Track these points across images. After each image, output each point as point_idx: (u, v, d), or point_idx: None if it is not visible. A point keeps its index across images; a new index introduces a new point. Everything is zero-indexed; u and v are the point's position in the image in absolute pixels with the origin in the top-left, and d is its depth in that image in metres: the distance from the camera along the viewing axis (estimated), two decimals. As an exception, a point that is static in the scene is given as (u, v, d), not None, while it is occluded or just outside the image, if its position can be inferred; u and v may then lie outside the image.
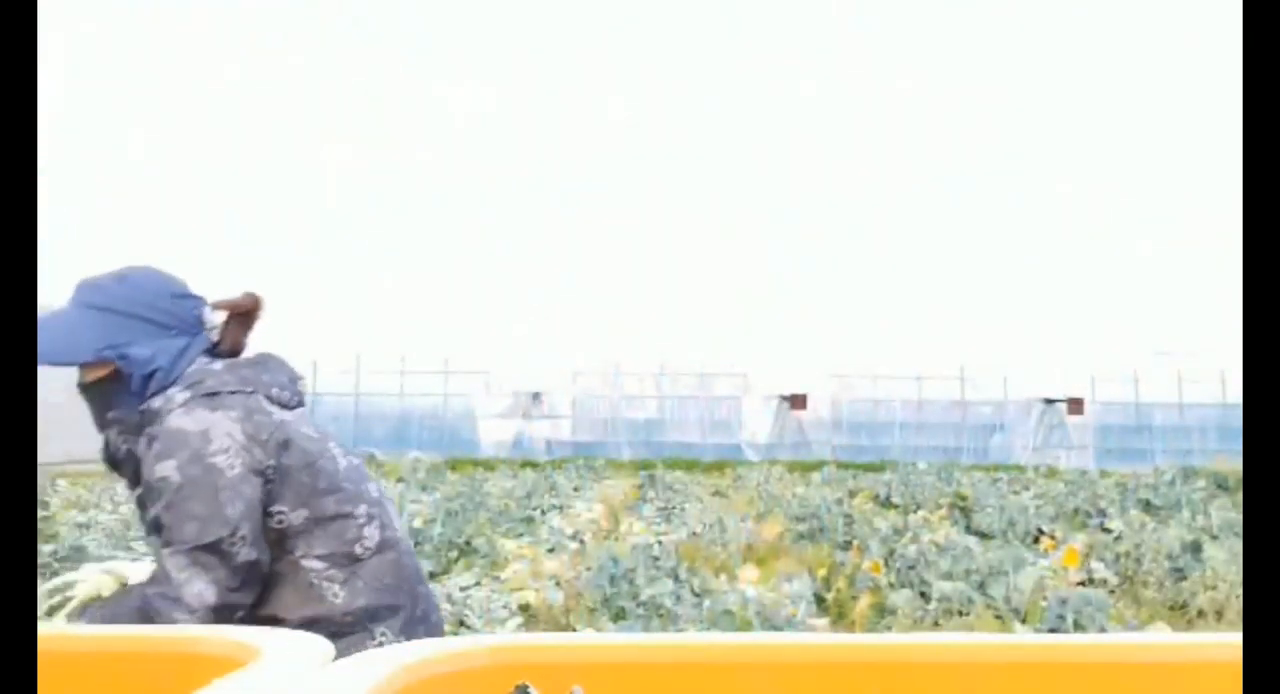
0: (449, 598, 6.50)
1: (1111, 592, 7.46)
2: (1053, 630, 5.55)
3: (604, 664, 1.04)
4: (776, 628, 5.68)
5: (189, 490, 1.87)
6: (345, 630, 1.92)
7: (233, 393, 1.97)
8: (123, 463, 2.08)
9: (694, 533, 10.12)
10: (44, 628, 1.03)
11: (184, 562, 1.84)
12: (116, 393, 2.03)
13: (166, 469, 1.88)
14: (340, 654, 1.03)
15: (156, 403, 1.99)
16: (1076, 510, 12.98)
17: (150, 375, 2.01)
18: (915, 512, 12.81)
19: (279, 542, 1.94)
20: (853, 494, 15.22)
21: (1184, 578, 7.44)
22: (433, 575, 7.67)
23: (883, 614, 6.48)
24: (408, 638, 1.92)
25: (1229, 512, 11.36)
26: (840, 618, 6.68)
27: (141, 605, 1.84)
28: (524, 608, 6.47)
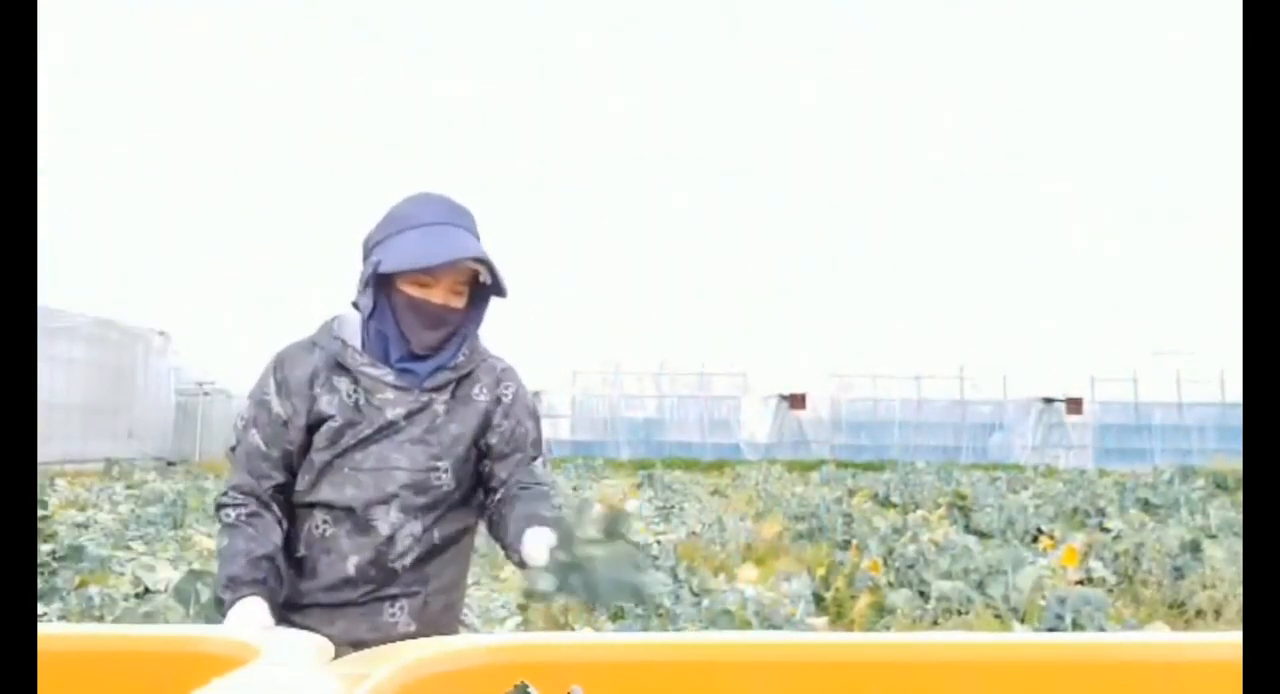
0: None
1: (1110, 591, 7.46)
2: (1051, 630, 5.54)
3: (602, 663, 1.04)
4: (775, 627, 5.68)
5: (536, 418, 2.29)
6: None
7: None
8: (432, 369, 2.14)
9: (693, 532, 10.12)
10: (44, 628, 1.03)
11: (546, 468, 2.25)
12: (474, 309, 2.16)
13: (529, 399, 2.28)
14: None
15: (480, 343, 2.22)
16: (1075, 510, 12.99)
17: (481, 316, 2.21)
18: (914, 511, 12.81)
19: None
20: (852, 493, 15.23)
21: (1183, 577, 7.44)
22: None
23: (882, 613, 6.48)
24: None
25: (1228, 511, 11.37)
26: (839, 617, 6.68)
27: (555, 515, 2.01)
28: (523, 607, 6.47)
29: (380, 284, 2.07)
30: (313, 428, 2.06)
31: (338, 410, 2.05)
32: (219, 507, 2.09)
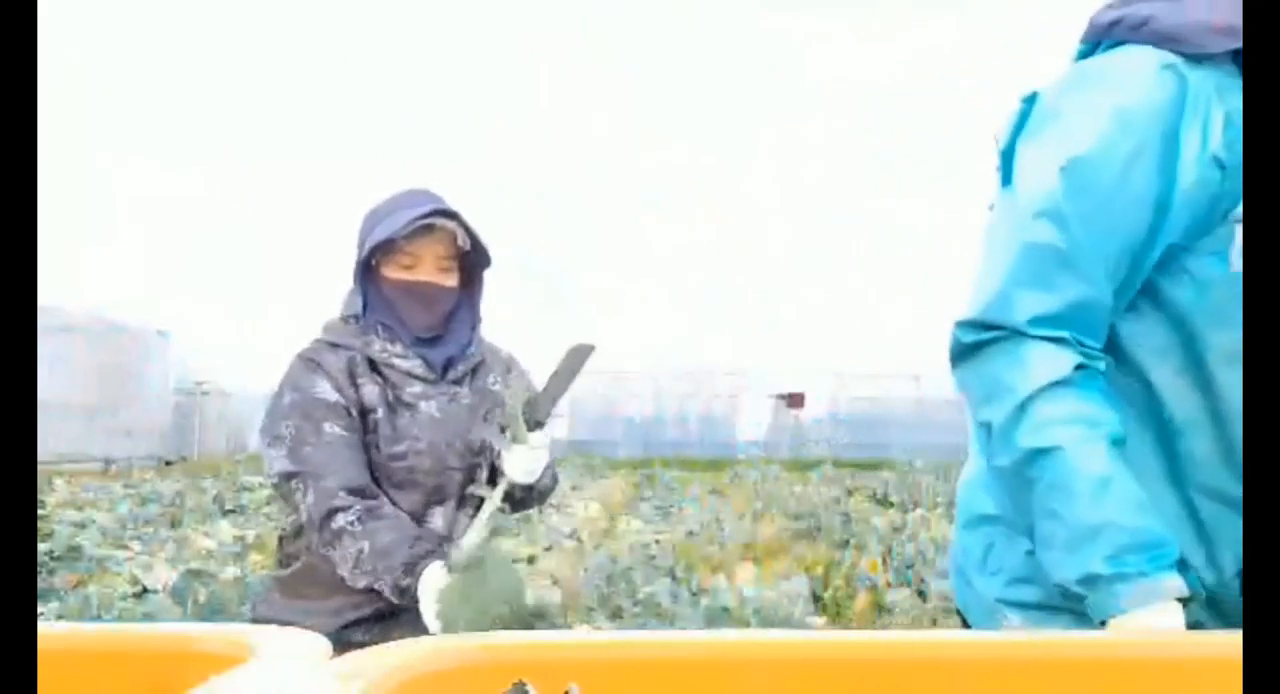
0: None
1: (1109, 590, 7.46)
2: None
3: (600, 662, 1.04)
4: (774, 627, 5.68)
5: None
6: None
7: None
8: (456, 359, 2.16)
9: (691, 532, 10.12)
10: (39, 626, 1.03)
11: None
12: (469, 289, 2.16)
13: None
14: None
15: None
16: (1074, 509, 12.96)
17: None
18: (913, 510, 12.81)
19: None
20: (850, 492, 15.23)
21: (1181, 577, 7.44)
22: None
23: (880, 613, 6.48)
24: None
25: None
26: (838, 616, 6.68)
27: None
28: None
29: (371, 280, 2.07)
30: (361, 419, 2.03)
31: (378, 404, 2.03)
32: (330, 514, 1.93)
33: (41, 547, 7.66)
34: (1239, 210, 1.27)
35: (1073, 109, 1.35)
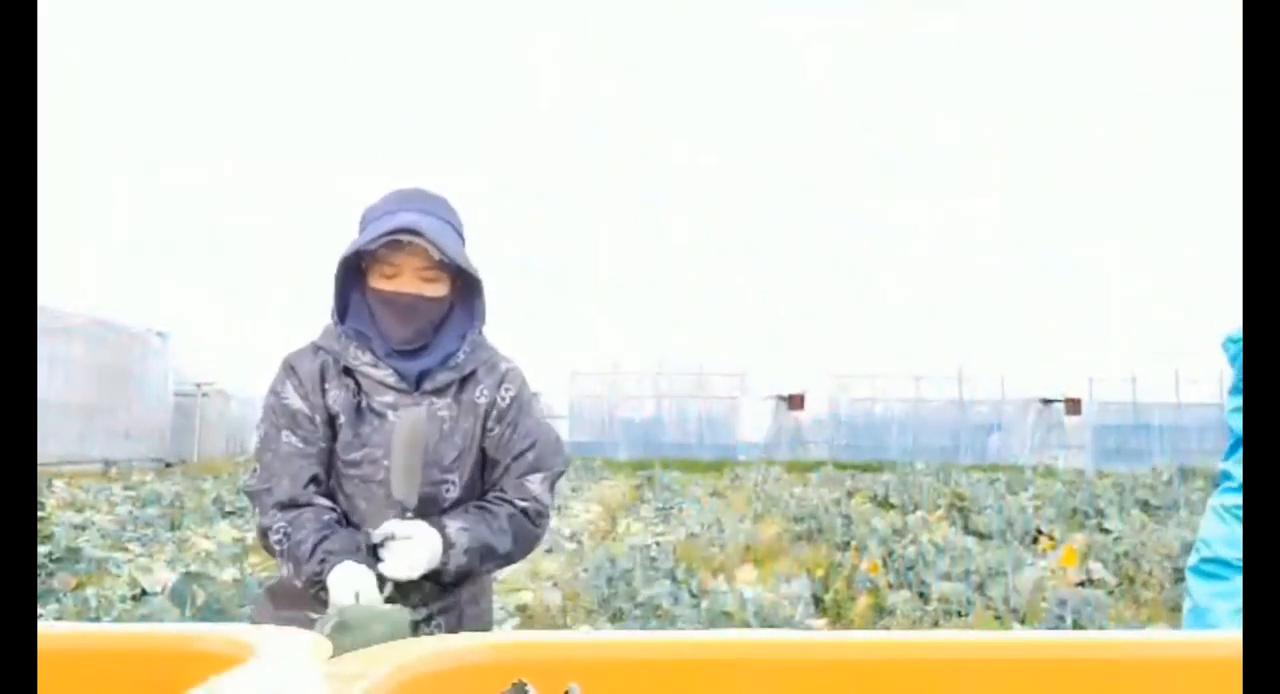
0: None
1: (1110, 592, 7.46)
2: (1051, 631, 5.54)
3: (600, 662, 1.04)
4: (774, 629, 5.67)
5: (550, 430, 2.16)
6: None
7: None
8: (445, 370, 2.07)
9: (692, 534, 10.12)
10: (44, 628, 1.03)
11: (548, 486, 2.10)
12: (463, 299, 2.07)
13: (533, 406, 2.15)
14: None
15: (485, 341, 2.12)
16: (1075, 511, 12.99)
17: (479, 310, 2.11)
18: (913, 512, 12.81)
19: None
20: (850, 494, 15.22)
21: (1182, 578, 7.41)
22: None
23: (881, 615, 6.48)
24: None
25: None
26: (839, 619, 6.67)
27: (514, 528, 2.02)
28: (521, 609, 6.46)
29: (355, 286, 2.05)
30: (328, 426, 2.01)
31: (343, 410, 2.01)
32: (264, 534, 1.96)
33: (41, 549, 7.65)
34: None
35: None
